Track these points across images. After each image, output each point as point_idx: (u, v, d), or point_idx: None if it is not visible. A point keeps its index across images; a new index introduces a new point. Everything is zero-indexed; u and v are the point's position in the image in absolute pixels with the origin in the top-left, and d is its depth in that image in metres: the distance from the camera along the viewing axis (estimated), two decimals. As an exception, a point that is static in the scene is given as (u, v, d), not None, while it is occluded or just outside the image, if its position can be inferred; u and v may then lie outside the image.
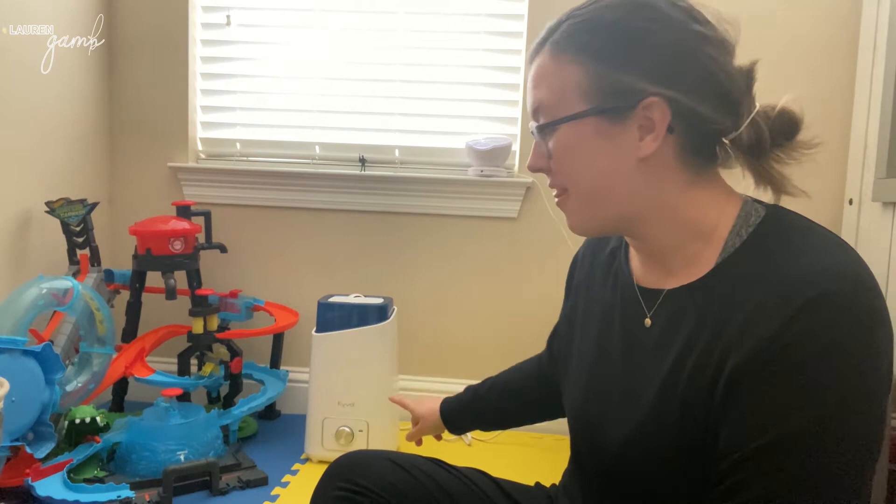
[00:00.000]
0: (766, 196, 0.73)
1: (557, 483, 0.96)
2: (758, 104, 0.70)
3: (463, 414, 1.12)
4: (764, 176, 0.71)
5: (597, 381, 0.79)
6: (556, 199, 0.76)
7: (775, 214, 0.69)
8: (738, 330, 0.61)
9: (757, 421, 0.59)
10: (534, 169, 0.76)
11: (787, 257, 0.63)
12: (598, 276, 0.86)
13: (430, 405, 1.15)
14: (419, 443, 1.22)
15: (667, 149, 0.69)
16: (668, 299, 0.72)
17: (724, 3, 0.73)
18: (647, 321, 0.74)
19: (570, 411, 0.84)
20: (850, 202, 1.87)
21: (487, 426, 1.17)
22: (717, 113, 0.68)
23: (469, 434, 2.02)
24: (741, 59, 0.71)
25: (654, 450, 0.68)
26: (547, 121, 0.72)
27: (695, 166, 0.70)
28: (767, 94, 0.72)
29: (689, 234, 0.71)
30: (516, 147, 2.12)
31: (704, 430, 0.64)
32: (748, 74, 0.70)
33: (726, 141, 0.70)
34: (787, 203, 0.73)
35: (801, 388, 0.57)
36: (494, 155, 2.05)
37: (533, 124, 0.75)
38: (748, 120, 0.69)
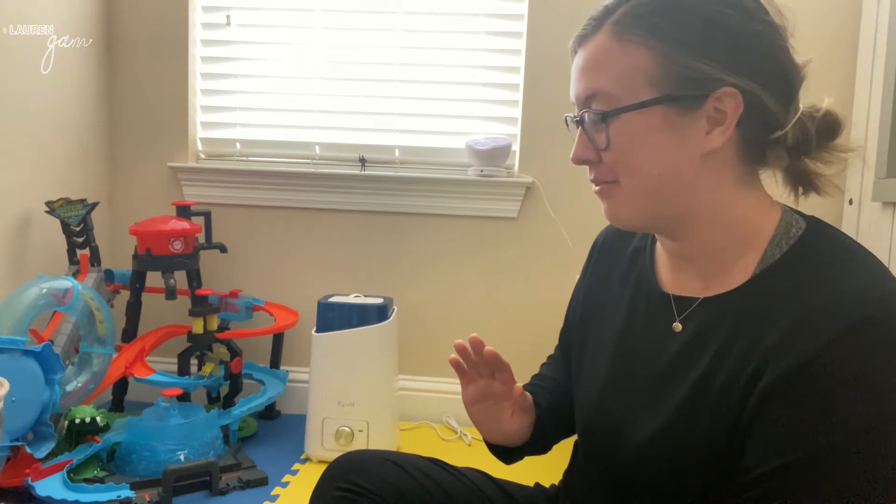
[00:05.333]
0: (785, 197, 0.72)
1: (557, 483, 0.96)
2: (801, 105, 0.69)
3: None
4: (798, 176, 0.71)
5: (616, 383, 0.78)
6: (598, 189, 0.72)
7: (817, 228, 0.68)
8: (776, 344, 0.61)
9: (788, 437, 0.59)
10: (580, 161, 0.71)
11: (830, 275, 0.62)
12: (616, 277, 0.85)
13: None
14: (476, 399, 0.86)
15: (729, 144, 0.66)
16: (703, 306, 0.71)
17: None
18: (677, 325, 0.72)
19: (582, 413, 0.84)
20: (850, 202, 1.87)
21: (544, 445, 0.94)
22: (781, 107, 0.67)
23: (469, 434, 2.02)
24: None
25: (676, 452, 0.68)
26: (609, 108, 0.67)
27: (749, 165, 0.68)
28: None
29: (732, 237, 0.69)
30: (516, 147, 2.12)
31: (730, 439, 0.64)
32: (801, 71, 0.69)
33: (771, 138, 0.69)
34: (787, 200, 0.73)
35: (834, 407, 0.57)
36: (494, 155, 2.05)
37: (582, 112, 0.70)
38: (794, 119, 0.67)
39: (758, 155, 0.69)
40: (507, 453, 0.91)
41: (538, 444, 0.91)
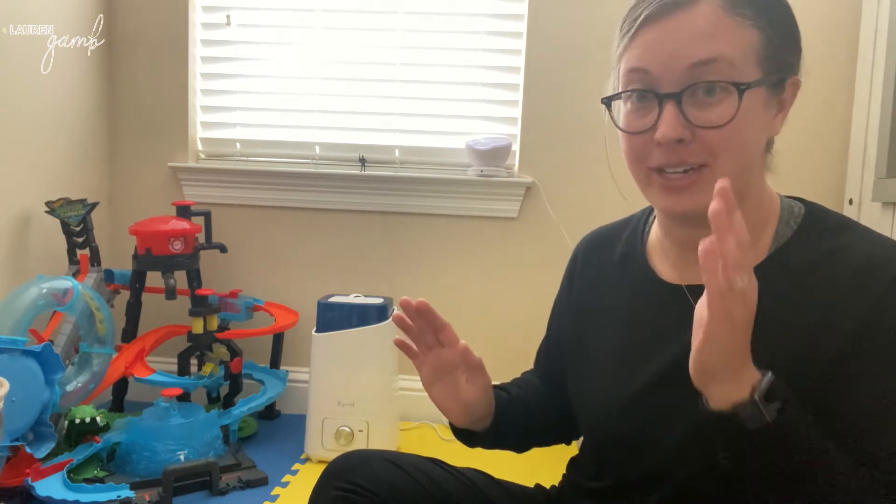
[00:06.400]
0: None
1: (557, 484, 0.96)
2: None
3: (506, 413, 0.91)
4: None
5: (635, 387, 0.77)
6: (679, 179, 0.67)
7: (817, 208, 0.73)
8: (823, 312, 0.65)
9: (875, 391, 0.62)
10: (673, 140, 0.65)
11: (849, 243, 0.67)
12: (608, 286, 0.85)
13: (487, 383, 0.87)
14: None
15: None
16: None
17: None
18: None
19: (596, 418, 0.83)
20: (850, 202, 1.87)
21: (516, 440, 0.96)
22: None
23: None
24: None
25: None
26: (732, 80, 0.64)
27: (768, 150, 0.73)
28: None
29: (757, 218, 0.72)
30: (516, 147, 2.12)
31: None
32: None
33: None
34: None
35: None
36: (494, 155, 2.05)
37: (696, 83, 0.64)
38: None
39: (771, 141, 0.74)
40: (470, 436, 0.89)
41: (505, 434, 0.90)
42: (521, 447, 0.96)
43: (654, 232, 0.83)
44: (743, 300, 0.56)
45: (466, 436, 0.89)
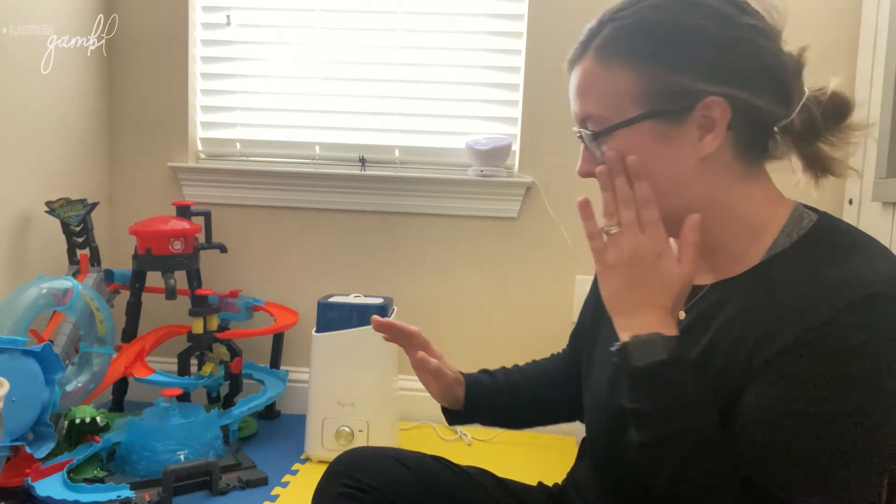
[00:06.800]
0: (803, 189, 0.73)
1: (560, 482, 0.96)
2: (807, 89, 0.71)
3: (485, 405, 0.98)
4: (813, 160, 0.72)
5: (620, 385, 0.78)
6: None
7: (828, 221, 0.70)
8: (784, 319, 0.62)
9: (781, 398, 0.60)
10: (585, 174, 0.75)
11: (838, 261, 0.64)
12: None
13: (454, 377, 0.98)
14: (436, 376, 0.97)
15: (725, 145, 0.69)
16: (709, 292, 0.72)
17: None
18: (682, 314, 0.73)
19: (590, 410, 0.84)
20: (850, 202, 1.87)
21: (497, 420, 1.03)
22: (773, 103, 0.68)
23: (469, 434, 2.02)
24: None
25: None
26: (600, 129, 0.71)
27: (749, 160, 0.71)
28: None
29: (741, 230, 0.71)
30: (516, 147, 2.12)
31: (732, 411, 0.64)
32: (798, 60, 0.70)
33: (776, 129, 0.71)
34: (797, 194, 0.74)
35: (833, 376, 0.59)
36: (494, 155, 2.05)
37: (582, 131, 0.73)
38: (799, 106, 0.69)
39: (759, 150, 0.71)
40: (447, 412, 1.00)
41: (481, 417, 0.99)
42: (511, 426, 1.06)
43: None
44: (617, 245, 0.68)
45: (444, 411, 1.00)
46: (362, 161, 2.17)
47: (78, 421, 1.65)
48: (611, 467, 0.80)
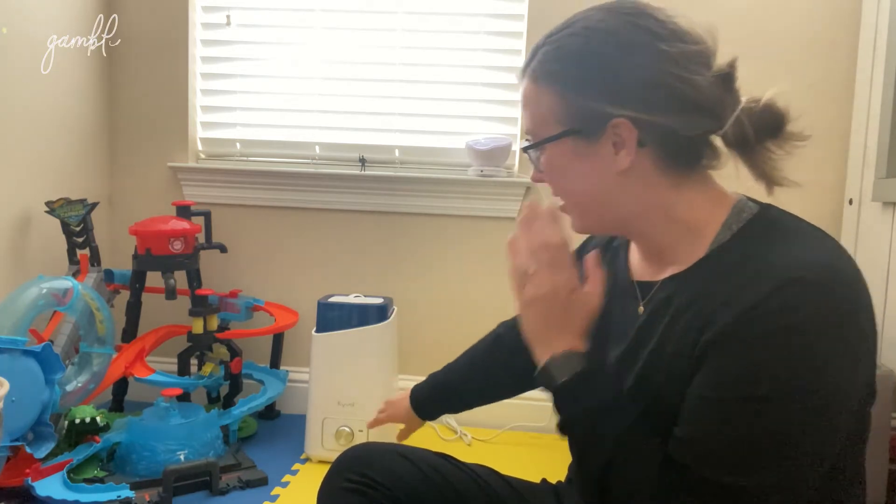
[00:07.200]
0: (761, 193, 0.75)
1: (563, 479, 0.97)
2: (743, 99, 0.71)
3: (435, 391, 1.15)
4: (757, 169, 0.73)
5: None
6: (560, 205, 0.81)
7: (766, 212, 0.72)
8: (718, 307, 0.65)
9: (721, 380, 0.64)
10: (536, 181, 0.82)
11: (770, 247, 0.67)
12: (606, 271, 0.86)
13: (401, 395, 1.18)
14: (402, 435, 1.19)
15: (643, 160, 0.72)
16: (661, 288, 0.76)
17: (725, 3, 0.73)
18: (641, 308, 0.78)
19: None
20: (850, 202, 1.87)
21: (462, 404, 1.17)
22: (687, 122, 0.70)
23: (469, 434, 2.02)
24: (728, 56, 0.72)
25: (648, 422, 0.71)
26: (532, 142, 0.78)
27: (677, 171, 0.74)
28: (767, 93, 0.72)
29: (681, 231, 0.74)
30: (516, 147, 2.12)
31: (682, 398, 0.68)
32: (726, 76, 0.71)
33: (715, 139, 0.73)
34: (788, 200, 0.74)
35: (761, 360, 0.61)
36: (494, 155, 2.05)
37: (525, 141, 0.81)
38: (732, 118, 0.71)
39: (691, 159, 0.74)
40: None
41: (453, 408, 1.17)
42: (480, 402, 1.18)
43: None
44: (535, 283, 0.74)
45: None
46: (362, 161, 2.17)
47: (78, 421, 1.65)
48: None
